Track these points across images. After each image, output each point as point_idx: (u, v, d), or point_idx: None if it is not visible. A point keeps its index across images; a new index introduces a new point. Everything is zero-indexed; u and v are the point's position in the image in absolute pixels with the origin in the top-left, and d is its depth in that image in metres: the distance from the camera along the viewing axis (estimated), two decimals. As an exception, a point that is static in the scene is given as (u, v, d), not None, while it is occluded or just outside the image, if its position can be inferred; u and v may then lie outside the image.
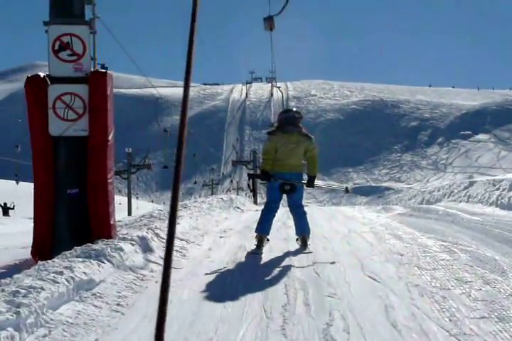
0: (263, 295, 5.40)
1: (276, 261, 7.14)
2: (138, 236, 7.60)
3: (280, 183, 7.71)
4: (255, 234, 7.89)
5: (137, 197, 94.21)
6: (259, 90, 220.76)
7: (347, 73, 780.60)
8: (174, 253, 1.36)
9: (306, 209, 8.11)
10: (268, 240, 7.98)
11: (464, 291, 5.27)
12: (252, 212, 14.38)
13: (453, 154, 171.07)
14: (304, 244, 7.83)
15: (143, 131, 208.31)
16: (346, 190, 10.59)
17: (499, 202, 13.83)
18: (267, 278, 6.20)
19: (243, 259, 7.35)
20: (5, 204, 39.96)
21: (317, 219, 11.70)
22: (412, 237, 8.79)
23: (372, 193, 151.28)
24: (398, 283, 5.77)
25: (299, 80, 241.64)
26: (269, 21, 35.16)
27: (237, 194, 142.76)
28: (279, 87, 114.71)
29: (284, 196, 7.98)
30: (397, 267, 6.56)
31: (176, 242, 7.70)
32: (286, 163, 7.70)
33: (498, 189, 14.58)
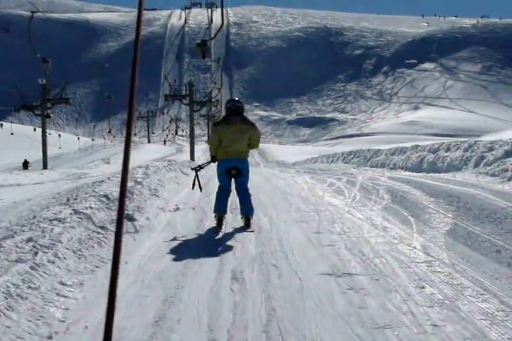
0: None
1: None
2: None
3: (225, 169, 8.59)
4: (214, 214, 8.67)
5: (75, 133, 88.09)
6: (199, 16, 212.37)
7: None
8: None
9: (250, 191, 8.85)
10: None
11: None
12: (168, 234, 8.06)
13: (398, 83, 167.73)
14: (247, 223, 8.52)
15: (76, 59, 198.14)
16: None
17: None
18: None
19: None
20: (25, 160, 44.19)
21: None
22: None
23: (317, 124, 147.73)
24: None
25: (240, 6, 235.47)
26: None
27: (176, 124, 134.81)
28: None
29: None
30: None
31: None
32: (231, 150, 8.58)
33: None
